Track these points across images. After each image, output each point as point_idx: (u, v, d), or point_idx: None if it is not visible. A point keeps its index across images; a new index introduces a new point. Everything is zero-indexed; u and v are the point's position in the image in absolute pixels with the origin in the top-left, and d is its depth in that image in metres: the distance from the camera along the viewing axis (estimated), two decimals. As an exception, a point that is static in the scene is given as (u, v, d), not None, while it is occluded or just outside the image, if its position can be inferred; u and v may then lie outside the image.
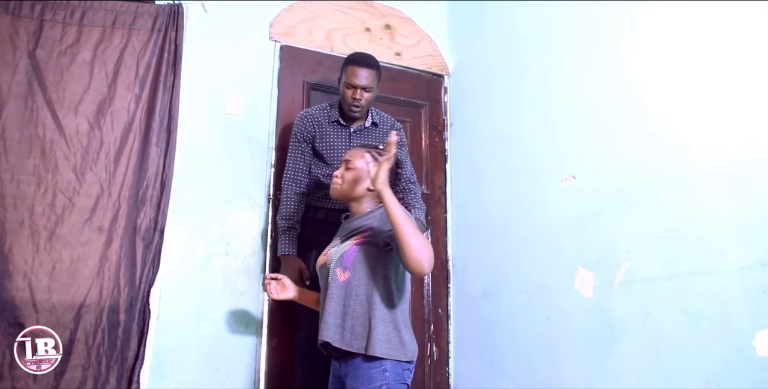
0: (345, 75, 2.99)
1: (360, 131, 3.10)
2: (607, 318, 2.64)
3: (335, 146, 3.05)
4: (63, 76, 2.91)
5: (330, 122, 3.07)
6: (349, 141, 3.06)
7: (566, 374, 2.81)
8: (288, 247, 2.94)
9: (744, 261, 2.15)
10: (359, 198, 2.37)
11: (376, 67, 3.02)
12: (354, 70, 2.95)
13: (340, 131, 3.08)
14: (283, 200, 3.03)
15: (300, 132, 3.07)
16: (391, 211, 2.02)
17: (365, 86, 2.96)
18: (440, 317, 3.67)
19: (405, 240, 1.99)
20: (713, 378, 2.19)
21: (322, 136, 3.06)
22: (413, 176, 3.17)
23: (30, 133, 2.80)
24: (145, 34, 3.11)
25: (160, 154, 3.03)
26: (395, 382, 2.12)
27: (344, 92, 2.99)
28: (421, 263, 2.00)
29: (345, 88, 2.98)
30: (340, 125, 3.08)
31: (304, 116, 3.09)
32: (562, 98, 3.08)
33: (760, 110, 2.18)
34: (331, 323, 2.19)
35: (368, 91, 2.98)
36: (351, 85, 2.96)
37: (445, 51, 4.04)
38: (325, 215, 3.03)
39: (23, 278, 2.68)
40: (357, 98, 2.96)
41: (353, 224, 2.35)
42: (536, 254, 3.08)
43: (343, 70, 3.01)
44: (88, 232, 2.82)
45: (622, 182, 2.67)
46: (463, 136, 3.85)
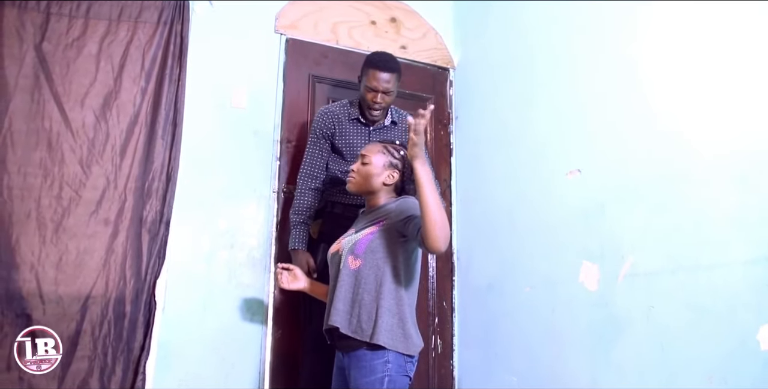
0: (366, 78, 2.97)
1: (379, 129, 3.11)
2: (612, 312, 2.65)
3: (354, 144, 3.06)
4: (69, 69, 2.92)
5: (350, 119, 3.08)
6: (368, 139, 3.07)
7: (570, 367, 2.82)
8: (298, 242, 2.96)
9: (748, 255, 2.15)
10: (375, 192, 2.39)
11: (398, 70, 3.00)
12: (376, 74, 2.94)
13: (360, 129, 3.09)
14: (298, 194, 3.04)
15: (319, 128, 3.07)
16: (421, 182, 2.02)
17: (386, 90, 2.96)
18: (445, 309, 3.67)
19: (430, 215, 2.00)
20: (717, 372, 2.19)
21: (341, 133, 3.06)
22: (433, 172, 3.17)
23: (37, 125, 2.81)
24: (150, 27, 3.11)
25: (165, 147, 3.04)
26: (397, 374, 2.13)
27: (364, 94, 2.99)
28: (439, 239, 2.01)
29: (366, 91, 2.97)
30: (360, 122, 3.09)
31: (325, 113, 3.09)
32: (568, 92, 3.08)
33: (765, 105, 2.17)
34: (341, 309, 2.21)
35: (388, 95, 2.99)
36: (372, 89, 2.95)
37: (451, 44, 4.04)
38: (342, 210, 3.03)
39: (30, 269, 2.69)
40: (378, 102, 2.97)
41: (369, 216, 2.38)
42: (541, 248, 3.09)
43: (365, 71, 2.99)
44: (94, 224, 2.84)
45: (627, 175, 2.67)
46: (468, 129, 3.85)
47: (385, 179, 2.37)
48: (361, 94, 3.02)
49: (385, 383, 2.10)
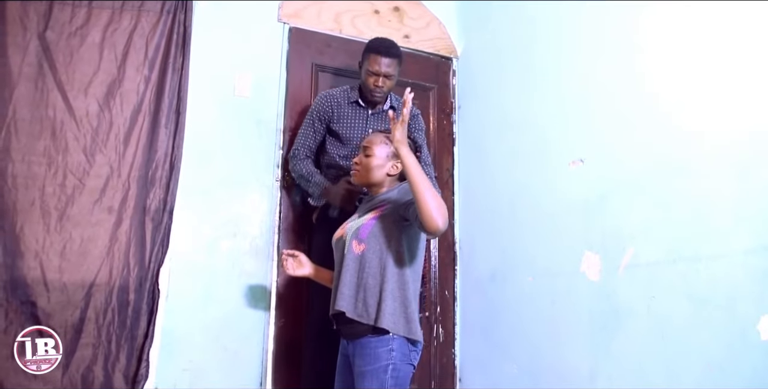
0: (367, 62, 3.00)
1: (378, 114, 3.13)
2: (613, 302, 2.66)
3: (352, 127, 3.09)
4: (73, 57, 2.91)
5: (349, 102, 3.10)
6: (366, 123, 3.09)
7: (571, 356, 2.83)
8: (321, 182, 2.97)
9: (748, 246, 2.16)
10: (380, 183, 2.41)
11: (398, 55, 3.03)
12: (377, 58, 2.97)
13: (359, 113, 3.11)
14: (297, 162, 3.07)
15: (317, 111, 3.10)
16: (409, 168, 2.05)
17: (387, 74, 2.98)
18: (447, 299, 3.69)
19: (421, 197, 2.02)
20: (717, 362, 2.20)
21: (340, 116, 3.08)
22: (428, 158, 3.19)
23: (40, 114, 2.81)
24: (154, 16, 3.11)
25: (169, 135, 3.04)
26: (401, 362, 2.15)
27: (366, 79, 3.01)
28: (436, 220, 2.03)
29: (367, 75, 3.00)
30: (359, 106, 3.11)
31: (324, 96, 3.13)
32: (571, 82, 3.08)
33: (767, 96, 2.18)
34: (346, 293, 2.23)
35: (390, 79, 3.01)
36: (373, 72, 2.98)
37: (454, 34, 4.03)
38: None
39: (34, 257, 2.70)
40: (379, 86, 2.99)
41: (372, 201, 2.40)
42: (543, 237, 3.10)
43: (366, 56, 3.02)
44: (98, 212, 2.84)
45: (629, 166, 2.68)
46: (471, 119, 3.84)
47: (389, 170, 2.39)
48: (363, 80, 3.05)
49: (389, 371, 2.12)
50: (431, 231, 2.07)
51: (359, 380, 2.15)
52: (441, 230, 2.08)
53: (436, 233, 2.08)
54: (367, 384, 2.12)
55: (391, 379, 2.12)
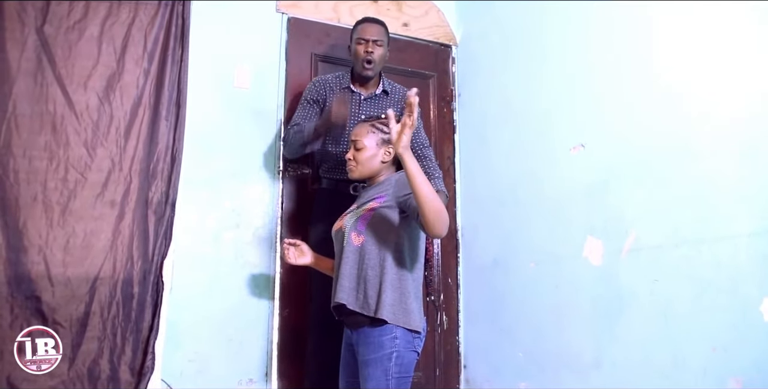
0: (356, 33, 3.07)
1: (370, 99, 3.13)
2: (616, 286, 2.66)
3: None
4: (71, 51, 2.91)
5: (342, 88, 3.11)
6: (359, 108, 3.09)
7: (575, 341, 2.84)
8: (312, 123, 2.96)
9: (751, 228, 2.16)
10: (377, 172, 2.41)
11: (384, 25, 3.11)
12: (364, 26, 3.06)
13: (351, 98, 3.10)
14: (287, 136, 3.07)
15: (310, 93, 3.12)
16: (413, 177, 2.02)
17: (376, 39, 3.03)
18: (450, 286, 3.70)
19: (424, 204, 2.01)
20: (720, 344, 2.21)
21: (332, 101, 3.06)
22: (426, 140, 3.16)
23: (41, 109, 2.81)
24: (152, 8, 3.10)
25: (169, 128, 3.04)
26: (405, 349, 2.15)
27: (356, 50, 3.05)
28: (438, 229, 2.04)
29: (356, 44, 3.05)
30: (351, 91, 3.11)
31: (317, 81, 3.15)
32: (570, 69, 3.07)
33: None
34: (346, 285, 2.23)
35: (379, 46, 3.04)
36: (362, 39, 3.03)
37: (453, 21, 4.02)
38: (335, 186, 3.05)
39: (38, 252, 2.71)
40: (369, 51, 3.02)
41: (370, 191, 2.39)
42: (545, 223, 3.10)
43: (353, 31, 3.11)
44: (100, 206, 2.85)
45: (631, 150, 2.67)
46: (471, 106, 3.84)
47: (382, 157, 2.37)
48: (353, 53, 3.08)
49: (393, 358, 2.12)
50: (432, 236, 2.11)
51: (363, 368, 2.16)
52: (441, 236, 2.11)
53: (438, 237, 2.14)
54: (372, 372, 2.13)
55: (396, 367, 2.12)
